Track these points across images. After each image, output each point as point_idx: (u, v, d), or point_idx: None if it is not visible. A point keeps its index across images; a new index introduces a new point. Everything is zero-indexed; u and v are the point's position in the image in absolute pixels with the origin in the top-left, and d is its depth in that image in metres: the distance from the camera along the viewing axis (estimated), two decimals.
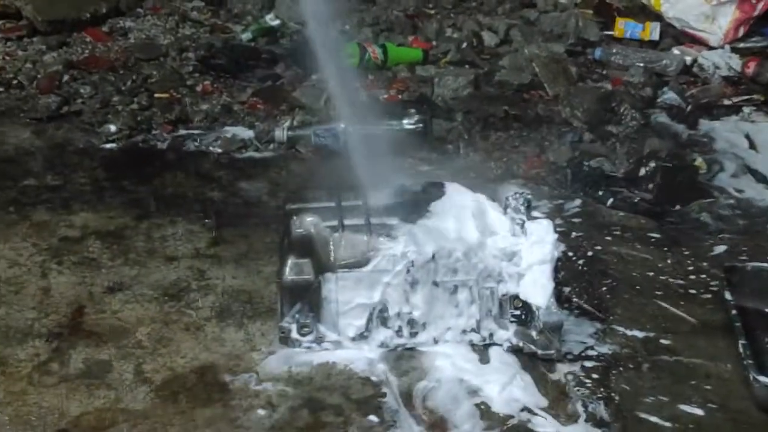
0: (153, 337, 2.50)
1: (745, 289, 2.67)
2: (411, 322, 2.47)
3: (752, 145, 3.68)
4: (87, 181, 3.19)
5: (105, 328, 2.52)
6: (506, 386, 2.38)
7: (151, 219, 2.99)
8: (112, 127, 3.50)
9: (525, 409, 2.32)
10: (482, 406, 2.32)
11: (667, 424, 2.30)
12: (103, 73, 3.89)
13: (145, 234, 2.92)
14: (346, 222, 2.48)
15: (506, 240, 2.50)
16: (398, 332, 2.48)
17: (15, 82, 3.81)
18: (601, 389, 2.39)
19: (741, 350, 2.42)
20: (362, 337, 2.48)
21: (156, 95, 3.76)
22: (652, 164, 3.31)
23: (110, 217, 2.99)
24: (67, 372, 2.36)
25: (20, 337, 2.47)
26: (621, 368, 2.47)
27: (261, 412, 2.27)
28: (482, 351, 2.49)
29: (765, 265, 2.81)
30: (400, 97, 3.88)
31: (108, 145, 3.43)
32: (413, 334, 2.49)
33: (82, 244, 2.86)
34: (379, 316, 2.47)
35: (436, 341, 2.50)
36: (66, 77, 3.84)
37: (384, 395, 2.34)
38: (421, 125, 3.44)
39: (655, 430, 2.29)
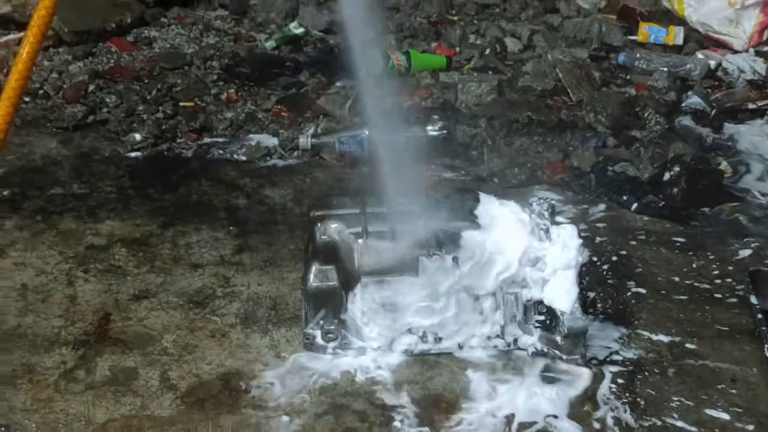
0: (178, 344, 2.51)
1: None
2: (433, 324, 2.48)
3: None
4: (113, 189, 3.22)
5: (131, 335, 2.54)
6: (533, 395, 2.38)
7: (176, 226, 3.00)
8: (138, 136, 3.52)
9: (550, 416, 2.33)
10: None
11: (693, 428, 2.29)
12: (128, 82, 3.91)
13: (171, 241, 2.93)
14: (371, 229, 2.49)
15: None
16: (423, 338, 2.48)
17: (41, 92, 3.84)
18: (627, 394, 2.38)
19: (767, 354, 2.41)
20: (387, 343, 2.48)
21: (181, 104, 3.78)
22: (677, 168, 3.30)
23: (136, 225, 3.01)
24: (94, 379, 2.38)
25: (47, 344, 2.49)
26: (646, 373, 2.46)
27: (285, 418, 2.28)
28: (507, 356, 2.49)
29: None
30: (423, 103, 3.88)
31: (133, 154, 3.46)
32: (438, 340, 2.49)
33: (108, 252, 2.88)
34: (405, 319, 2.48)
35: (461, 347, 2.50)
36: (92, 87, 3.87)
37: (410, 401, 2.35)
38: (444, 131, 3.44)
39: None
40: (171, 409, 2.30)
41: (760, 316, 2.55)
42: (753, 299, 2.62)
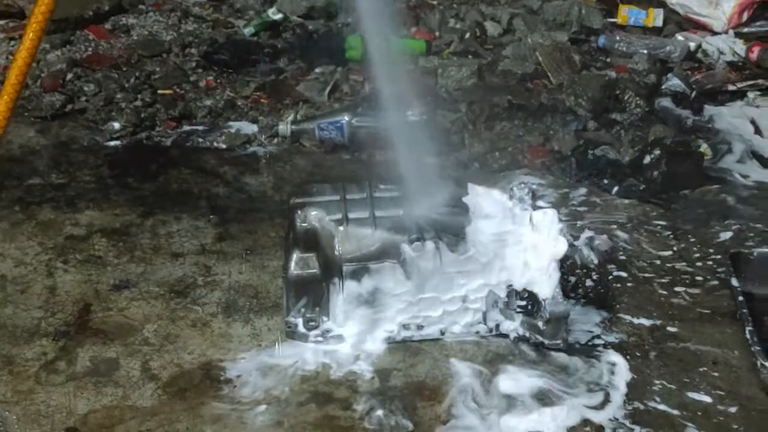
0: (160, 334, 2.50)
1: (752, 275, 2.68)
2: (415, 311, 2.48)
3: (757, 130, 3.66)
4: (92, 179, 3.20)
5: (112, 325, 2.53)
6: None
7: (156, 215, 2.99)
8: (116, 125, 3.50)
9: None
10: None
11: (675, 411, 2.30)
12: (107, 70, 3.88)
13: (151, 231, 2.92)
14: (351, 215, 2.48)
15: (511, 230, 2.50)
16: (405, 326, 2.48)
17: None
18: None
19: (748, 337, 2.42)
20: (369, 330, 2.48)
21: (159, 92, 3.76)
22: (657, 151, 3.30)
23: (115, 215, 3.00)
24: (75, 370, 2.37)
25: (27, 336, 2.48)
26: (628, 356, 2.47)
27: (266, 407, 2.28)
28: (489, 342, 2.50)
29: None
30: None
31: (112, 143, 3.43)
32: (420, 327, 2.48)
33: (88, 242, 2.86)
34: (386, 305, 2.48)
35: (442, 333, 2.50)
36: (70, 75, 3.84)
37: (392, 388, 2.35)
38: (424, 117, 3.43)
39: (664, 417, 2.29)
40: (152, 399, 2.30)
41: (741, 298, 2.55)
42: (734, 281, 2.62)
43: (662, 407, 2.30)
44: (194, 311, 2.59)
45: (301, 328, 2.48)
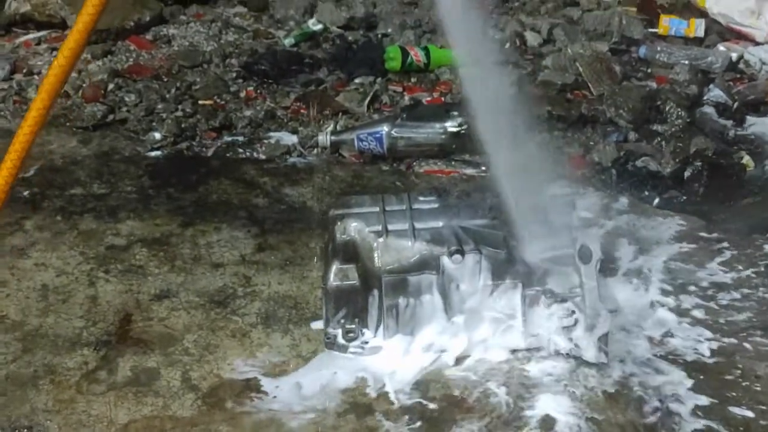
0: (200, 344, 2.51)
1: None
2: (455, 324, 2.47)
3: None
4: (133, 189, 3.22)
5: (152, 335, 2.54)
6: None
7: (196, 226, 3.00)
8: (157, 135, 3.53)
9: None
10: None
11: (718, 426, 2.28)
12: (148, 81, 3.92)
13: (191, 241, 2.93)
14: (390, 227, 2.48)
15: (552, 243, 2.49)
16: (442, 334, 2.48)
17: (61, 91, 3.84)
18: None
19: None
20: (408, 342, 2.47)
21: (200, 102, 3.79)
22: (698, 163, 3.28)
23: (156, 225, 3.02)
24: (115, 380, 2.37)
25: (68, 345, 2.49)
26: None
27: (308, 416, 2.27)
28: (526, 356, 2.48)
29: None
30: (443, 99, 3.88)
31: (153, 153, 3.46)
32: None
33: (129, 252, 2.88)
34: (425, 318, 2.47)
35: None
36: (111, 86, 3.88)
37: (432, 399, 2.34)
38: (464, 127, 3.43)
39: None
40: (192, 409, 2.30)
41: None
42: None
43: (704, 422, 2.28)
44: (234, 321, 2.59)
45: (340, 339, 2.47)
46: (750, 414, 2.29)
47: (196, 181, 3.27)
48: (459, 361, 2.45)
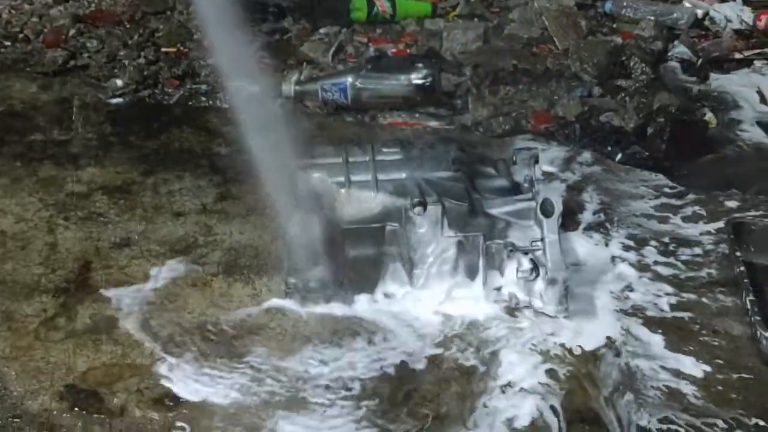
0: (160, 293, 2.49)
1: (754, 245, 2.67)
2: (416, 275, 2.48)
3: (763, 99, 3.65)
4: (94, 136, 3.19)
5: (112, 283, 2.52)
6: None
7: (158, 174, 2.98)
8: (119, 82, 3.49)
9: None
10: None
11: (677, 380, 2.29)
12: (110, 27, 3.87)
13: (152, 189, 2.91)
14: (353, 178, 2.47)
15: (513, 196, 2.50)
16: (403, 283, 2.48)
17: (21, 35, 3.80)
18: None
19: (749, 307, 2.41)
20: (369, 291, 2.48)
21: (163, 49, 3.75)
22: (662, 119, 3.29)
23: (117, 172, 2.99)
24: (74, 327, 2.36)
25: (27, 292, 2.47)
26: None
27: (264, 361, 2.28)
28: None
29: None
30: (408, 51, 3.86)
31: (115, 100, 3.43)
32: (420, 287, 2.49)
33: (89, 200, 2.85)
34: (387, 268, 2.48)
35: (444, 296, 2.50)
36: (72, 31, 3.83)
37: (393, 348, 2.35)
38: (429, 80, 3.41)
39: (663, 386, 2.28)
40: (151, 357, 2.29)
41: (742, 268, 2.54)
42: (735, 251, 2.61)
43: (662, 375, 2.29)
44: (195, 270, 2.58)
45: (302, 289, 2.47)
46: (708, 368, 2.31)
47: (158, 129, 3.24)
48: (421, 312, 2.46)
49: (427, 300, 2.48)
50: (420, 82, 3.40)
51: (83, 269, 2.57)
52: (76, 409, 2.14)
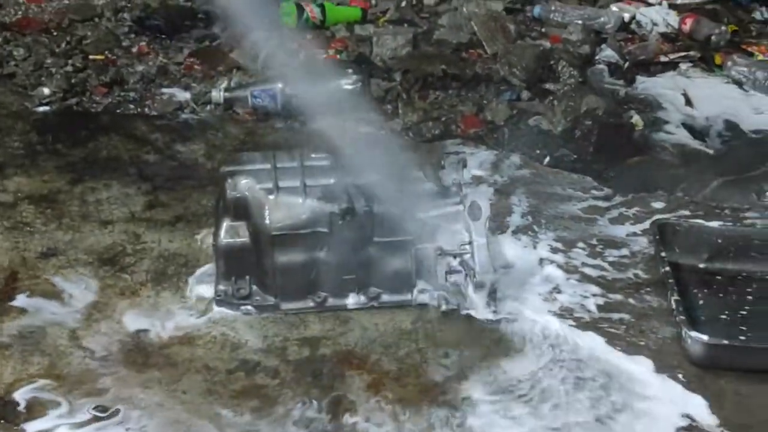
0: (87, 303, 2.47)
1: (678, 246, 2.71)
2: (346, 283, 2.48)
3: (688, 102, 3.70)
4: (20, 144, 3.16)
5: (39, 293, 2.50)
6: None
7: (86, 182, 2.96)
8: (46, 90, 3.45)
9: None
10: None
11: (605, 380, 2.32)
12: (37, 34, 3.83)
13: (80, 198, 2.89)
14: (282, 184, 2.47)
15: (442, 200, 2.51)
16: (334, 293, 2.48)
17: None
18: None
19: (674, 307, 2.45)
20: (299, 298, 2.48)
21: (90, 57, 3.72)
22: (589, 122, 3.33)
23: (44, 181, 2.96)
24: (0, 339, 2.33)
25: None
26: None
27: (197, 376, 2.26)
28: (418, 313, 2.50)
29: (697, 221, 2.85)
30: (338, 56, 3.86)
31: (42, 108, 3.39)
32: (348, 295, 2.49)
33: (15, 209, 2.82)
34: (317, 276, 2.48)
35: (373, 301, 2.50)
36: None
37: (323, 357, 2.35)
38: (359, 85, 3.42)
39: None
40: (80, 367, 2.27)
41: (667, 268, 2.58)
42: (660, 252, 2.65)
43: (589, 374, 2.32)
44: (123, 279, 2.57)
45: (232, 297, 2.47)
46: (635, 367, 2.35)
47: (85, 138, 3.22)
48: (350, 315, 2.47)
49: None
50: (350, 87, 3.41)
51: (9, 279, 2.54)
52: (1, 421, 2.12)
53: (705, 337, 2.33)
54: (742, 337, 2.45)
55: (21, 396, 2.18)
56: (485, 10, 4.15)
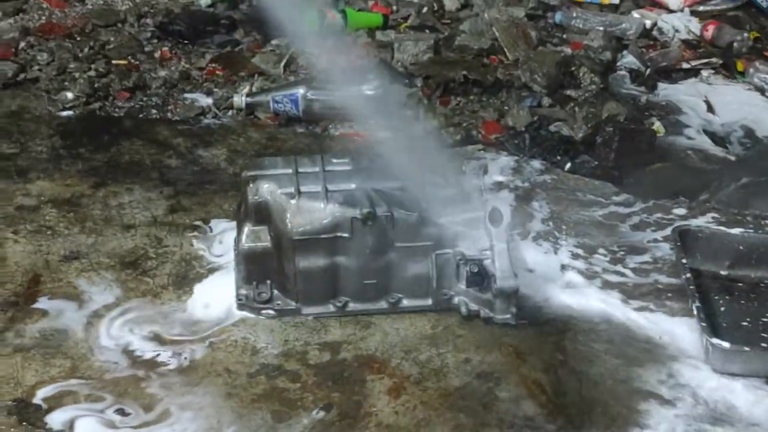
0: (109, 306, 2.49)
1: (700, 252, 2.70)
2: (367, 288, 2.48)
3: (710, 108, 3.70)
4: (43, 149, 3.17)
5: (61, 296, 2.51)
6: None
7: (108, 186, 2.97)
8: (69, 95, 3.47)
9: None
10: None
11: (625, 389, 2.32)
12: (60, 39, 3.85)
13: (102, 202, 2.90)
14: (303, 189, 2.48)
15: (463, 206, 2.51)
16: (355, 297, 2.49)
17: None
18: (557, 354, 2.41)
19: (695, 313, 2.44)
20: (320, 303, 2.49)
21: (113, 62, 3.73)
22: (610, 128, 3.33)
23: (67, 185, 2.97)
24: (23, 342, 2.35)
25: None
26: (576, 331, 2.48)
27: (218, 379, 2.27)
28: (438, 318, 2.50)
29: (719, 228, 2.84)
30: (359, 62, 3.86)
31: (65, 113, 3.41)
32: (369, 300, 2.49)
33: (39, 213, 2.84)
34: (338, 281, 2.48)
35: (393, 306, 2.51)
36: (22, 44, 3.80)
37: (344, 361, 2.35)
38: (380, 91, 3.42)
39: (611, 392, 2.31)
40: (102, 370, 2.28)
41: (688, 275, 2.57)
42: (681, 258, 2.64)
43: (609, 382, 2.32)
44: (145, 283, 2.58)
45: (253, 301, 2.48)
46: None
47: (108, 142, 3.23)
48: (371, 319, 2.48)
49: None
50: (371, 93, 3.41)
51: (32, 283, 2.55)
52: (24, 423, 2.13)
53: (726, 344, 2.32)
54: (764, 344, 2.45)
55: (43, 398, 2.19)
56: (507, 16, 4.15)
